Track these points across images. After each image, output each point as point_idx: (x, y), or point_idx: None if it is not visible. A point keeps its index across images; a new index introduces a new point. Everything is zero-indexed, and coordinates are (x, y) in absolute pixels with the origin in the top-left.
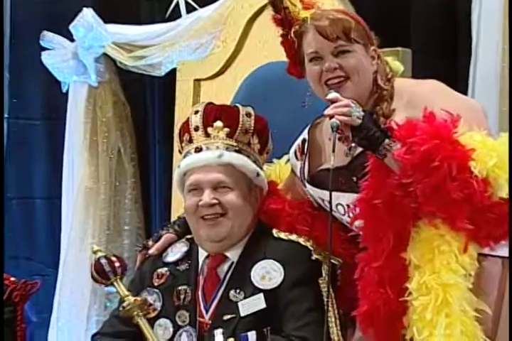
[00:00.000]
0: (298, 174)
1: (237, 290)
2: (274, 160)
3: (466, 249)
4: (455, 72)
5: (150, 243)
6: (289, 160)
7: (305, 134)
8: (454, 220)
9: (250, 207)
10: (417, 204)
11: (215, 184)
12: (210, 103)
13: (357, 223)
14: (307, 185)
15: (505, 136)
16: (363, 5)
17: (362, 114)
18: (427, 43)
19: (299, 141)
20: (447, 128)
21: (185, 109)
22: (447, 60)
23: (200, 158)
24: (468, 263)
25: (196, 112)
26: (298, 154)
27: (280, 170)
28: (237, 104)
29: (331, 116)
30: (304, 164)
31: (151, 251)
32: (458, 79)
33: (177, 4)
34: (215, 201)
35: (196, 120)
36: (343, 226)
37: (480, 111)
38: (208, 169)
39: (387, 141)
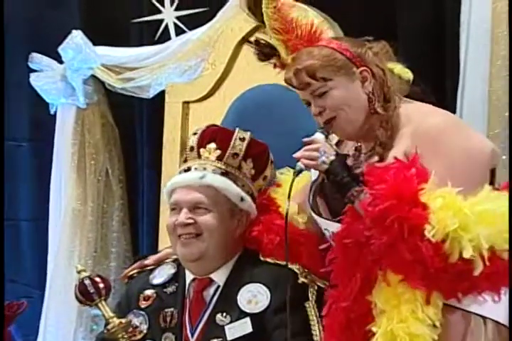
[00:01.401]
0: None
1: (224, 314)
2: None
3: (428, 301)
4: (443, 94)
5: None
6: None
7: None
8: (408, 280)
9: (229, 230)
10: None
11: (193, 204)
12: (212, 125)
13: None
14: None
15: (486, 192)
16: (350, 26)
17: (331, 158)
18: (414, 65)
19: None
20: (411, 185)
21: (173, 131)
22: (435, 81)
23: (184, 178)
24: (434, 313)
25: (195, 133)
26: None
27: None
28: (237, 128)
29: (299, 159)
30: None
31: (147, 262)
32: (446, 101)
33: (166, 27)
34: (190, 221)
35: (193, 140)
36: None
37: (485, 159)
38: (189, 189)
39: (355, 187)
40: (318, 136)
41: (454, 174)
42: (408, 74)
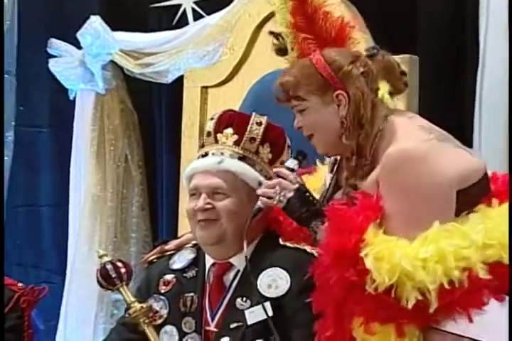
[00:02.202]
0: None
1: (244, 299)
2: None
3: (402, 334)
4: (463, 79)
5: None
6: None
7: None
8: (370, 321)
9: (247, 215)
10: None
11: (211, 189)
12: (229, 110)
13: None
14: None
15: (433, 232)
16: (370, 12)
17: (288, 196)
18: (434, 50)
19: None
20: (350, 241)
21: (192, 116)
22: (454, 67)
23: (202, 164)
24: None
25: (212, 119)
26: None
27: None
28: (253, 112)
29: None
30: (331, 181)
31: (167, 247)
32: (466, 87)
33: (184, 12)
34: (209, 206)
35: (210, 126)
36: None
37: (444, 190)
38: (208, 174)
39: (313, 222)
40: (290, 163)
41: (408, 211)
42: (388, 101)
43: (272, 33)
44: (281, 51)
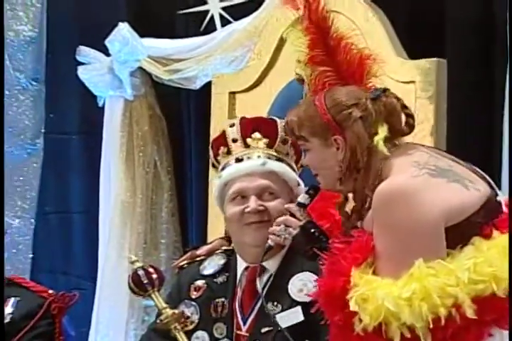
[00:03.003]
0: None
1: (275, 303)
2: None
3: None
4: (492, 82)
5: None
6: None
7: None
8: None
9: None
10: None
11: (260, 191)
12: (244, 117)
13: None
14: None
15: (416, 270)
16: (398, 16)
17: (294, 233)
18: (462, 53)
19: None
20: (339, 283)
21: (220, 122)
22: (483, 69)
23: (243, 167)
24: None
25: (232, 125)
26: None
27: None
28: (272, 117)
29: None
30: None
31: (199, 252)
32: (495, 89)
33: (212, 17)
34: (262, 207)
35: (233, 132)
36: None
37: (430, 228)
38: (252, 177)
39: (319, 259)
40: (301, 198)
41: (394, 248)
42: (383, 149)
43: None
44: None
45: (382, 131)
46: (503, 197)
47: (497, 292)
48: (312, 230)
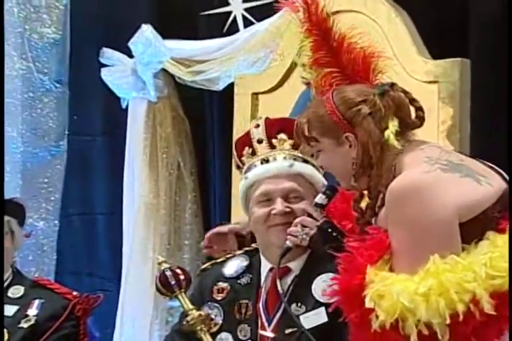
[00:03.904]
0: None
1: (299, 304)
2: None
3: None
4: None
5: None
6: None
7: None
8: None
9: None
10: None
11: (286, 193)
12: (268, 117)
13: None
14: None
15: (432, 266)
16: (421, 15)
17: (311, 233)
18: (486, 53)
19: None
20: (356, 280)
21: (243, 123)
22: (506, 69)
23: (270, 168)
24: None
25: (257, 126)
26: None
27: None
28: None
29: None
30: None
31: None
32: None
33: (234, 18)
34: (288, 209)
35: (259, 133)
36: None
37: (444, 224)
38: (279, 179)
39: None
40: (318, 199)
41: (409, 245)
42: (394, 142)
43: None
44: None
45: (393, 126)
46: None
47: None
48: (329, 230)
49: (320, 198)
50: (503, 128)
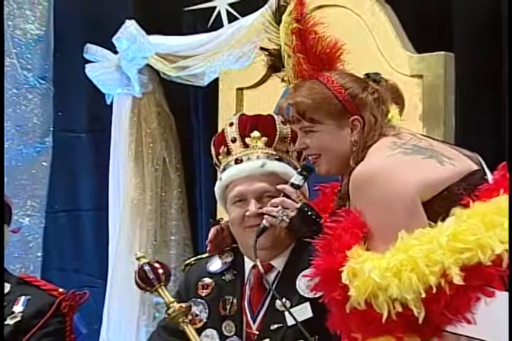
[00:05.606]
0: None
1: (284, 300)
2: None
3: None
4: (500, 76)
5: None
6: None
7: None
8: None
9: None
10: None
11: (259, 194)
12: (243, 114)
13: None
14: None
15: (401, 242)
16: (405, 9)
17: (291, 215)
18: (470, 47)
19: None
20: (335, 260)
21: (228, 118)
22: (490, 62)
23: (243, 169)
24: None
25: (231, 124)
26: None
27: None
28: (271, 113)
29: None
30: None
31: (223, 222)
32: (502, 82)
33: (219, 14)
34: (261, 211)
35: (232, 131)
36: None
37: (407, 202)
38: (251, 179)
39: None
40: (295, 179)
41: (376, 226)
42: (397, 121)
43: (262, 48)
44: (274, 68)
45: (394, 109)
46: None
47: (483, 261)
48: (309, 213)
49: (297, 179)
50: (487, 120)
